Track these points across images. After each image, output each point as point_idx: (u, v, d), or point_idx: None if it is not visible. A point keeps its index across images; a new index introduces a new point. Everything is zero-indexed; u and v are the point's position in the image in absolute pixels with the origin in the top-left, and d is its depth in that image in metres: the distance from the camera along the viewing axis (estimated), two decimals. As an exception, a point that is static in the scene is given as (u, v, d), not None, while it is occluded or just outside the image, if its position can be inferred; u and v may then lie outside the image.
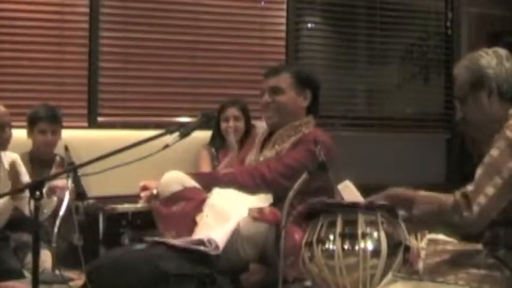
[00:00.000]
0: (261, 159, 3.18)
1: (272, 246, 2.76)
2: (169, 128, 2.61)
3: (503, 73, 2.26)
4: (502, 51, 2.31)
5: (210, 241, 2.71)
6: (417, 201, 2.22)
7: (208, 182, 3.10)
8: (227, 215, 2.87)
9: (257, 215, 2.79)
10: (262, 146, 3.26)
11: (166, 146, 2.49)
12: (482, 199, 2.10)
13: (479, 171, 2.15)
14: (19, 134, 3.79)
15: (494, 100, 2.26)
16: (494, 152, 2.15)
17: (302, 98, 3.20)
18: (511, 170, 2.11)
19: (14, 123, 3.63)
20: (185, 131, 2.61)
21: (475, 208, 2.09)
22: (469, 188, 2.13)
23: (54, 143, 3.80)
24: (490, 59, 2.28)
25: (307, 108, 3.27)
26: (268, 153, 3.18)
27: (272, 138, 3.22)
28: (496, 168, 2.12)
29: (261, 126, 3.45)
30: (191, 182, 3.11)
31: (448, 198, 2.16)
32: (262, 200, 2.96)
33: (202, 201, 2.98)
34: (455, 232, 2.43)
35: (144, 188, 3.42)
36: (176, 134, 2.59)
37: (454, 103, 2.42)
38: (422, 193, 2.25)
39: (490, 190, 2.11)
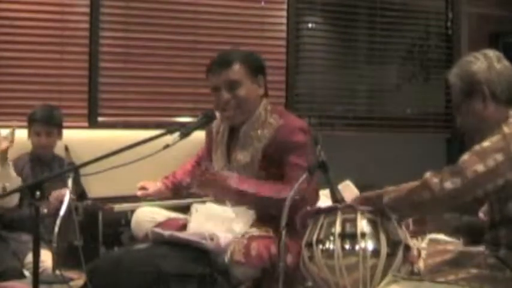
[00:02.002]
0: (234, 164, 3.01)
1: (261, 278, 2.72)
2: (169, 128, 2.61)
3: (494, 76, 2.24)
4: (492, 53, 2.30)
5: (212, 237, 2.70)
6: (386, 193, 2.21)
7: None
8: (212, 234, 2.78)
9: (243, 259, 2.68)
10: (228, 149, 3.07)
11: (167, 146, 2.49)
12: (457, 180, 2.06)
13: (464, 157, 2.11)
14: (20, 134, 3.78)
15: (489, 104, 2.25)
16: (485, 143, 2.12)
17: (257, 86, 3.02)
18: (497, 161, 2.07)
19: (14, 123, 3.62)
20: (185, 131, 2.61)
21: (448, 185, 2.06)
22: (446, 168, 2.11)
23: (49, 145, 3.76)
24: (480, 63, 2.26)
25: None
26: (241, 156, 2.99)
27: (238, 138, 3.03)
28: (482, 155, 2.09)
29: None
30: (163, 214, 3.07)
31: (415, 183, 2.15)
32: (243, 216, 2.85)
33: (182, 227, 2.90)
34: (422, 215, 2.39)
35: (143, 188, 3.43)
36: (176, 134, 2.58)
37: (453, 112, 2.39)
38: (390, 187, 2.25)
39: (469, 174, 2.06)
